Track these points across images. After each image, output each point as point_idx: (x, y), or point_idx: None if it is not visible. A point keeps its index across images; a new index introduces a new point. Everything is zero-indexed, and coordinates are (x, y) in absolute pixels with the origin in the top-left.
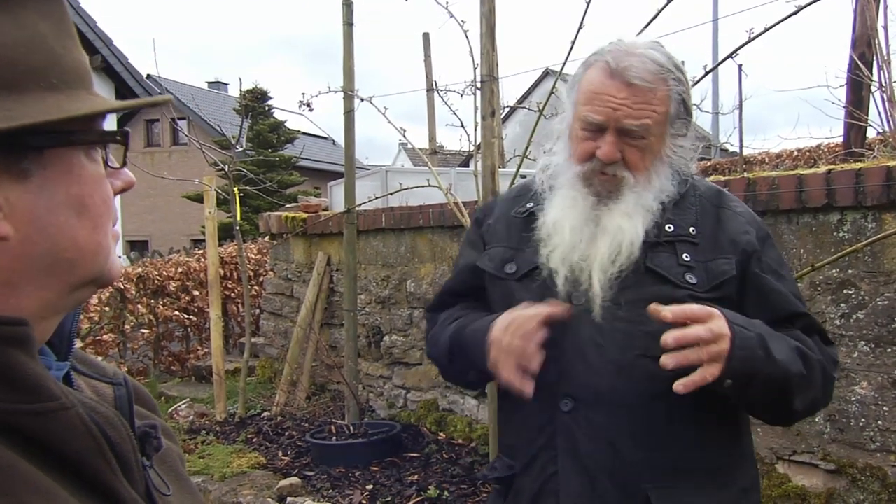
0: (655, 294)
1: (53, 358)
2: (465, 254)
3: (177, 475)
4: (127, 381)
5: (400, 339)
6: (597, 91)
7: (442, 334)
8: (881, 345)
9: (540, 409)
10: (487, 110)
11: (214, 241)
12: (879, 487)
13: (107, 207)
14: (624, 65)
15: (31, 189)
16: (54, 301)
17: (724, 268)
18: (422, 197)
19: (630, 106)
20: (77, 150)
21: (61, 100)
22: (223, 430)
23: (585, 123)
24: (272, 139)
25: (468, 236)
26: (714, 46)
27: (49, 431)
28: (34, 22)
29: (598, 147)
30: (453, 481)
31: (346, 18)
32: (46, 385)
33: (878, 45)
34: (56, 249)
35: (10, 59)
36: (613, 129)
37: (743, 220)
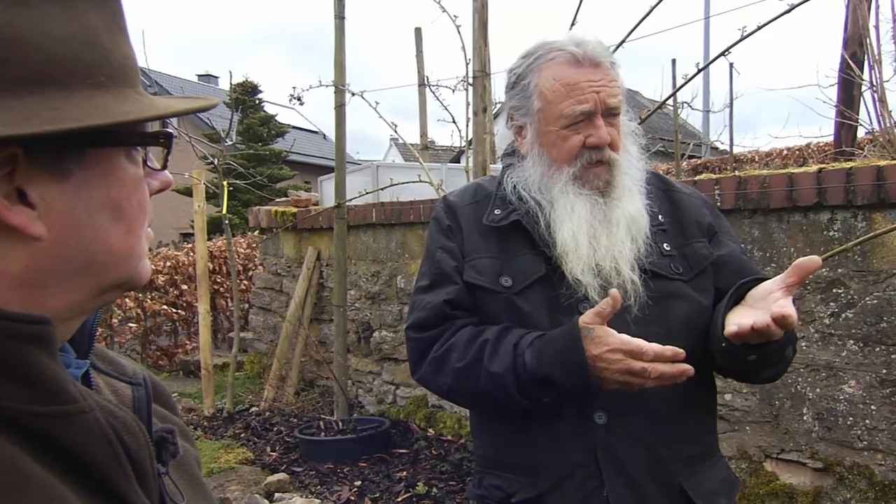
0: (658, 290)
1: (73, 355)
2: (447, 263)
3: (192, 479)
4: (146, 381)
5: (390, 335)
6: (573, 81)
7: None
8: (869, 344)
9: (572, 426)
10: (479, 106)
11: (203, 235)
12: (866, 486)
13: (142, 211)
14: (585, 50)
15: (69, 189)
16: (81, 303)
17: (702, 252)
18: (413, 192)
19: (606, 85)
20: (118, 151)
21: (108, 100)
22: (211, 425)
23: (570, 118)
24: (262, 133)
25: (441, 243)
26: (705, 44)
27: (65, 435)
28: (87, 14)
29: (585, 138)
30: (442, 478)
31: (337, 12)
32: (65, 387)
33: (869, 44)
34: (89, 252)
35: (61, 55)
36: (600, 112)
37: (696, 200)
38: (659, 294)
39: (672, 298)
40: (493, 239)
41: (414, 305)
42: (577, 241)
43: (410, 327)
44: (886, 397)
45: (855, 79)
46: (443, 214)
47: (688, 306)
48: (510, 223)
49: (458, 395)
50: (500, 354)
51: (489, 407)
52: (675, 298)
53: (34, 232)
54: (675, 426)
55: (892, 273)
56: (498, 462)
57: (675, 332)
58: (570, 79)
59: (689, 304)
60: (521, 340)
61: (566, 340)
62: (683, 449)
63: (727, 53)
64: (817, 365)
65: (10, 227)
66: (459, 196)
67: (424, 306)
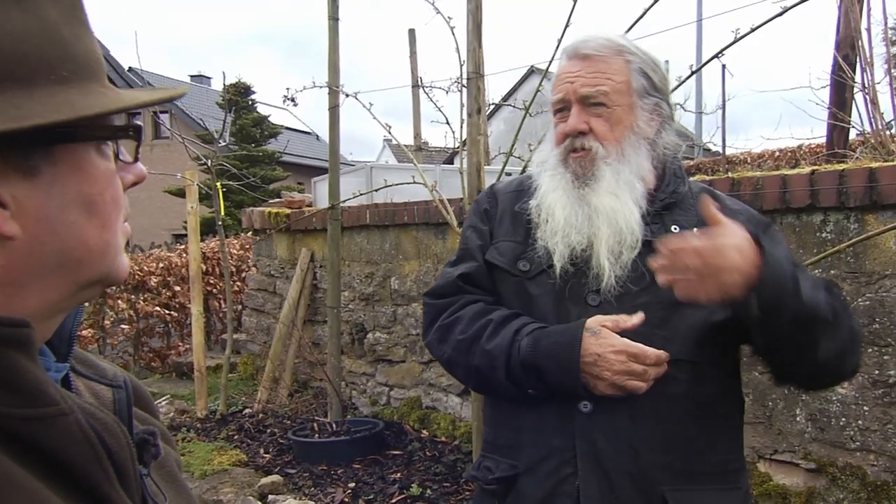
0: (666, 296)
1: (53, 359)
2: (473, 240)
3: (174, 481)
4: (127, 384)
5: (384, 337)
6: (559, 73)
7: (487, 341)
8: (862, 345)
9: (556, 411)
10: (473, 107)
11: (196, 236)
12: (859, 486)
13: (116, 205)
14: (578, 45)
15: (40, 187)
16: (59, 301)
17: None
18: (406, 194)
19: (584, 75)
20: (88, 146)
21: (72, 94)
22: (204, 427)
23: (553, 107)
24: (255, 134)
25: (474, 223)
26: (698, 46)
27: (46, 437)
28: (44, 7)
29: None
30: (436, 479)
31: (331, 13)
32: (45, 390)
33: (861, 47)
34: (64, 249)
35: (21, 52)
36: (575, 102)
37: (741, 217)
38: (674, 300)
39: (683, 306)
40: (523, 226)
41: (441, 275)
42: (548, 212)
43: (427, 294)
44: (879, 398)
45: (847, 81)
46: (484, 198)
47: (705, 315)
48: None
49: (455, 367)
50: (499, 335)
51: (480, 384)
52: (686, 307)
53: (7, 231)
54: (671, 433)
55: (884, 274)
56: (493, 444)
57: (679, 339)
58: (560, 71)
59: (708, 313)
60: (524, 328)
61: (566, 336)
62: (677, 459)
63: (720, 56)
64: None
65: None
66: (506, 184)
67: (445, 276)
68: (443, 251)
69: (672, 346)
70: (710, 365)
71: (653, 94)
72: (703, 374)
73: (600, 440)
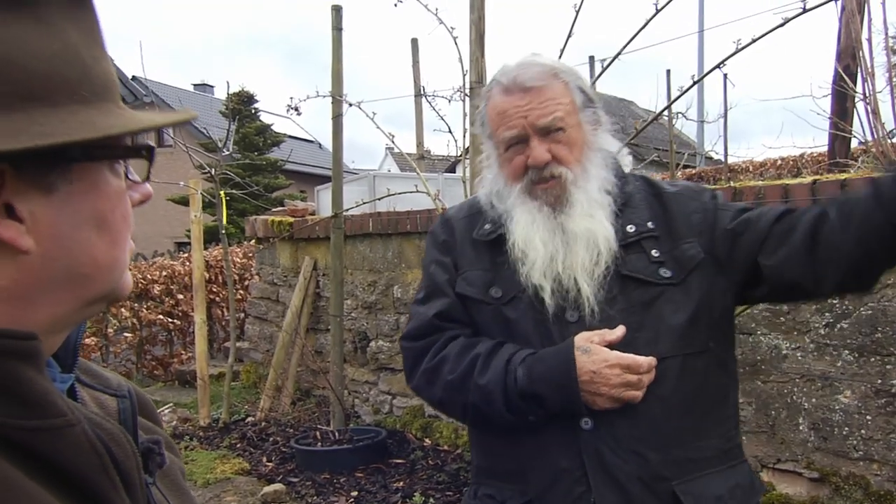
0: (640, 297)
1: (58, 370)
2: (440, 276)
3: (178, 489)
4: (131, 394)
5: (386, 345)
6: (503, 109)
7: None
8: (864, 354)
9: (557, 432)
10: (476, 117)
11: (200, 244)
12: (862, 496)
13: (126, 223)
14: (512, 76)
15: (55, 203)
16: (66, 316)
17: (690, 253)
18: (409, 202)
19: (536, 107)
20: (102, 165)
21: (92, 114)
22: (207, 435)
23: (506, 143)
24: (258, 142)
25: (436, 257)
26: (700, 56)
27: (54, 448)
28: (66, 31)
29: (527, 157)
30: (438, 488)
31: (335, 24)
32: (53, 401)
33: (862, 57)
34: (74, 265)
35: (44, 72)
36: (533, 134)
37: (684, 197)
38: (646, 300)
39: (659, 304)
40: (485, 252)
41: (411, 316)
42: (529, 245)
43: (404, 337)
44: (881, 407)
45: (848, 91)
46: (439, 229)
47: (676, 309)
48: (498, 236)
49: (449, 406)
50: (490, 369)
51: (477, 419)
52: (663, 304)
53: (23, 245)
54: (668, 430)
55: (886, 284)
56: (490, 471)
57: (663, 337)
58: (500, 107)
59: (678, 306)
60: (514, 357)
61: (559, 359)
62: (679, 452)
63: (722, 66)
64: (813, 375)
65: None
66: (456, 210)
67: (418, 317)
68: None
69: (655, 347)
70: (692, 355)
71: (588, 105)
72: (687, 365)
73: (606, 453)
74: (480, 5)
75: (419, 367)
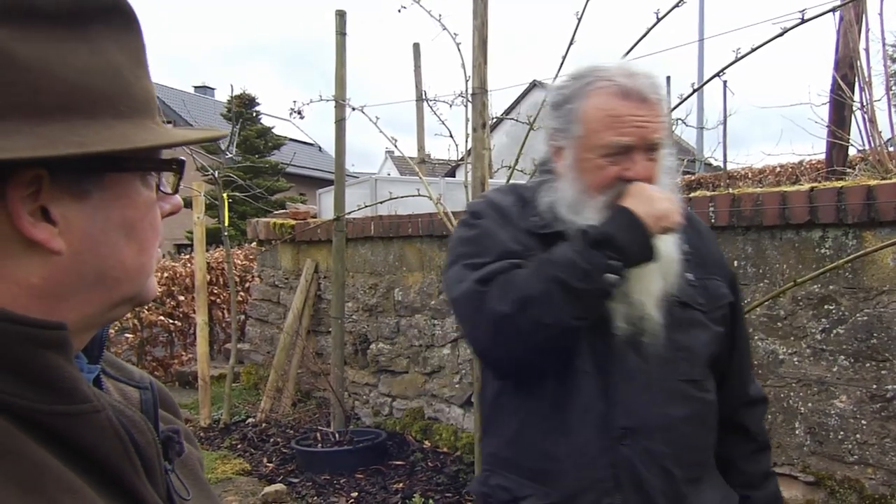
0: (681, 317)
1: (85, 361)
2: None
3: (196, 479)
4: (153, 386)
5: (387, 348)
6: (618, 114)
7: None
8: (860, 359)
9: (594, 440)
10: (478, 122)
11: (202, 246)
12: (857, 500)
13: (154, 232)
14: (635, 84)
15: (88, 209)
16: (94, 315)
17: (721, 291)
18: (410, 206)
19: (652, 120)
20: (134, 176)
21: (128, 128)
22: (207, 436)
23: (609, 149)
24: (259, 145)
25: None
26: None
27: (80, 433)
28: (110, 51)
29: (623, 171)
30: (438, 489)
31: (338, 28)
32: (80, 388)
33: (859, 66)
34: (103, 268)
35: (86, 86)
36: (641, 148)
37: (711, 235)
38: (685, 321)
39: (695, 327)
40: (537, 243)
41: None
42: None
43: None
44: (877, 412)
45: (846, 100)
46: (489, 211)
47: (708, 336)
48: (553, 232)
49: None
50: (556, 250)
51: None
52: (697, 328)
53: (55, 246)
54: (688, 446)
55: (882, 290)
56: (510, 463)
57: (698, 360)
58: (615, 110)
59: (708, 332)
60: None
61: (613, 208)
62: (693, 469)
63: (721, 74)
64: (809, 380)
65: (34, 241)
66: (501, 197)
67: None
68: None
69: (691, 369)
70: (712, 378)
71: None
72: (710, 387)
73: (640, 467)
74: (483, 11)
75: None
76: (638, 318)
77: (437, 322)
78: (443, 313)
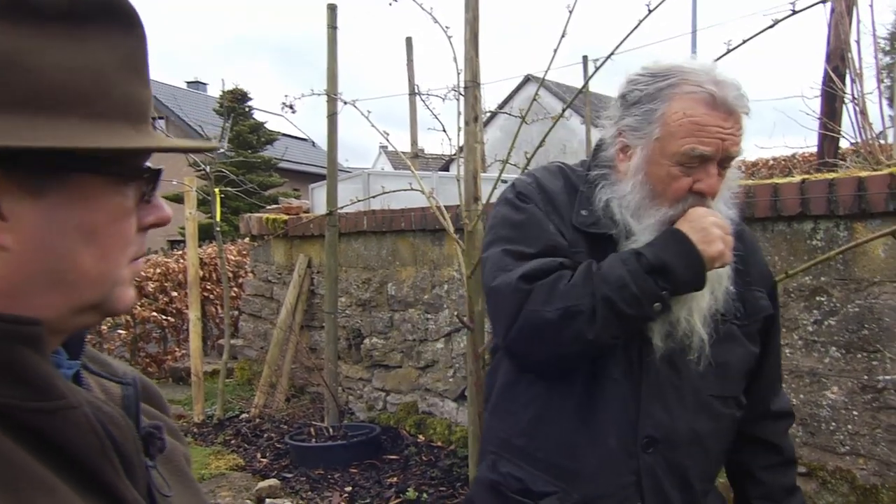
0: (721, 332)
1: (65, 356)
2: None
3: (181, 475)
4: (136, 381)
5: (380, 342)
6: (703, 123)
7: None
8: (851, 350)
9: (620, 446)
10: (470, 116)
11: (195, 241)
12: (848, 490)
13: (121, 240)
14: (724, 94)
15: (43, 208)
16: (56, 321)
17: (762, 303)
18: (403, 200)
19: (734, 133)
20: (106, 181)
21: (96, 130)
22: (201, 431)
23: (688, 157)
24: (252, 140)
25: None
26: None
27: (55, 429)
28: (99, 51)
29: (694, 181)
30: (432, 483)
31: (329, 22)
32: (55, 384)
33: (851, 58)
34: (57, 270)
35: (58, 82)
36: (716, 160)
37: (755, 243)
38: (721, 335)
39: (731, 342)
40: (582, 240)
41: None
42: None
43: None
44: (867, 403)
45: (837, 92)
46: (538, 195)
47: (743, 351)
48: (604, 235)
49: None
50: (605, 266)
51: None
52: (732, 342)
53: (1, 241)
54: (709, 461)
55: (873, 281)
56: (524, 453)
57: (732, 375)
58: (701, 119)
59: (744, 349)
60: (619, 254)
61: (666, 233)
62: (709, 483)
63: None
64: (801, 371)
65: None
66: (551, 179)
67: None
68: (439, 257)
69: (726, 385)
70: (742, 394)
71: None
72: (738, 403)
73: (662, 476)
74: (475, 5)
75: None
76: (684, 335)
77: (430, 316)
78: (436, 307)
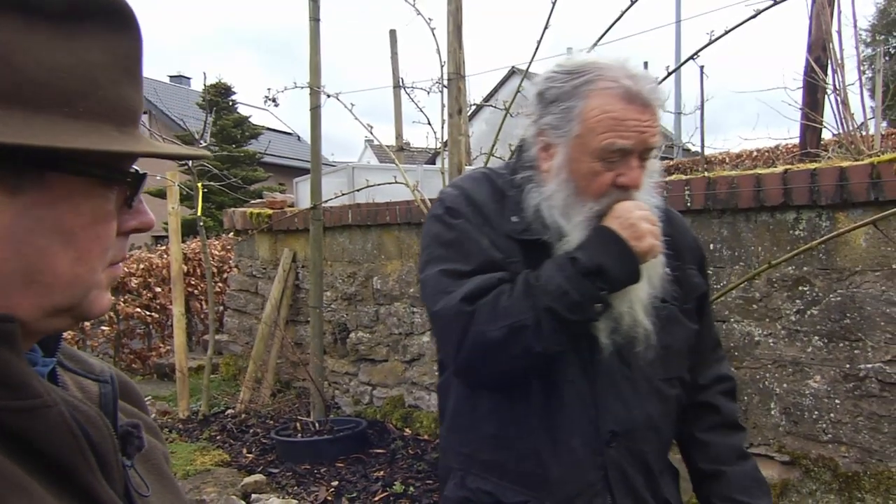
0: (661, 316)
1: (40, 354)
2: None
3: (160, 474)
4: (113, 379)
5: (366, 336)
6: (621, 117)
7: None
8: (833, 340)
9: (584, 446)
10: (454, 108)
11: (178, 237)
12: (831, 477)
13: (99, 244)
14: (639, 88)
15: (18, 206)
16: (28, 322)
17: (695, 281)
18: (389, 194)
19: (652, 126)
20: (88, 183)
21: (77, 130)
22: (186, 427)
23: (608, 152)
24: (236, 134)
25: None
26: (677, 48)
27: (30, 429)
28: (91, 51)
29: (616, 176)
30: (419, 476)
31: (312, 14)
32: (29, 382)
33: (832, 49)
34: (30, 270)
35: (42, 80)
36: (637, 153)
37: (685, 224)
38: (663, 318)
39: (672, 324)
40: (516, 248)
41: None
42: None
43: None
44: (849, 391)
45: (819, 82)
46: (467, 209)
47: (683, 331)
48: (537, 241)
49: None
50: (543, 272)
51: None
52: (673, 324)
53: None
54: (662, 441)
55: (854, 271)
56: (491, 466)
57: (676, 356)
58: (619, 113)
59: (685, 328)
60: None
61: (594, 231)
62: (663, 461)
63: (696, 57)
64: (784, 361)
65: None
66: (477, 189)
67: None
68: None
69: (670, 367)
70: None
71: None
72: (683, 382)
73: (627, 467)
74: None
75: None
76: (628, 328)
77: (416, 310)
78: (421, 301)
